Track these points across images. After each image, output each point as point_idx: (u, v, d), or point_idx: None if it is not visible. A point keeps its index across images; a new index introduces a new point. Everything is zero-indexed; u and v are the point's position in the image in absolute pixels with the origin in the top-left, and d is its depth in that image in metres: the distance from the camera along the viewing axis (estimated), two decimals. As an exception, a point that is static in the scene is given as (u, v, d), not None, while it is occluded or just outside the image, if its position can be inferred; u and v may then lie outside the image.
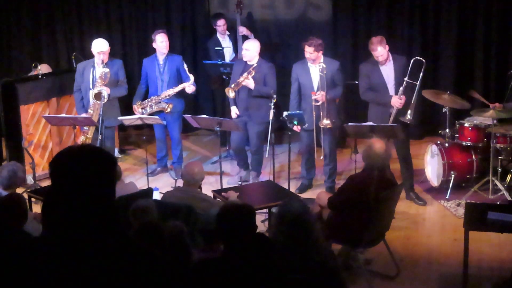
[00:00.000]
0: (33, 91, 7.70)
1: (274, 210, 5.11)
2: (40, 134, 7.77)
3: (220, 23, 8.52)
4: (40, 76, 7.92)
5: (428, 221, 6.53)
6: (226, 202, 4.75)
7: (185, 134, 8.94)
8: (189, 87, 7.42)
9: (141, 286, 2.02)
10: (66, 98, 7.97)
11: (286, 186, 6.51)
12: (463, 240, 4.96)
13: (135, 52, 9.73)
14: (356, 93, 6.92)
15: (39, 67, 8.31)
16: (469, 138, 6.96)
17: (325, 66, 6.68)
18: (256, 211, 3.66)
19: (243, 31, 8.43)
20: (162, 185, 7.26)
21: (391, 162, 5.77)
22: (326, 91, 6.69)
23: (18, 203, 4.29)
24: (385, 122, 6.49)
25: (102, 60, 7.10)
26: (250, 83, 7.02)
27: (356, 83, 6.97)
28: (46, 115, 7.42)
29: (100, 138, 6.82)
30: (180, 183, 6.14)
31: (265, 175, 7.46)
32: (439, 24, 8.70)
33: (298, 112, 6.79)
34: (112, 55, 9.08)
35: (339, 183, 6.26)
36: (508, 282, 5.05)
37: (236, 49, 8.53)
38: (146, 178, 7.23)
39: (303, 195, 6.89)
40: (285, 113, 6.62)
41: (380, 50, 6.48)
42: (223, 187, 6.46)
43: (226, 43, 8.63)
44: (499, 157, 6.84)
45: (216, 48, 8.52)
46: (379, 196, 4.97)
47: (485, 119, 6.89)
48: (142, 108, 7.49)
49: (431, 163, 7.27)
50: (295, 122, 6.59)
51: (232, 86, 7.09)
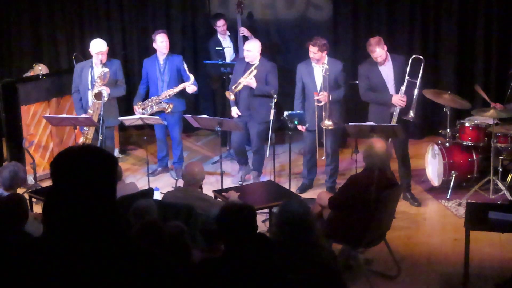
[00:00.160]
0: (33, 91, 7.69)
1: (274, 210, 5.11)
2: (40, 134, 7.77)
3: (220, 23, 8.52)
4: (40, 76, 7.93)
5: (429, 221, 6.53)
6: (227, 202, 4.74)
7: (185, 134, 8.94)
8: (189, 87, 7.41)
9: (141, 286, 2.02)
10: (67, 98, 7.96)
11: (286, 186, 6.51)
12: (463, 239, 4.97)
13: (135, 52, 9.73)
14: (356, 93, 6.91)
15: (39, 67, 8.31)
16: (470, 138, 6.96)
17: (327, 67, 6.66)
18: (257, 211, 3.65)
19: (243, 31, 8.43)
20: (163, 185, 7.26)
21: (391, 162, 5.77)
22: (329, 92, 6.68)
23: (18, 204, 4.29)
24: (385, 122, 6.48)
25: (101, 61, 7.09)
26: (252, 82, 7.01)
27: (356, 83, 6.96)
28: (47, 115, 7.41)
29: (100, 138, 6.82)
30: (180, 183, 6.15)
31: (265, 175, 7.46)
32: (439, 24, 8.70)
33: (298, 112, 6.79)
34: (113, 55, 9.08)
35: (340, 183, 6.25)
36: (509, 281, 5.06)
37: (236, 49, 8.53)
38: (146, 178, 7.23)
39: (304, 195, 6.89)
40: (285, 113, 6.60)
41: (378, 51, 6.47)
42: (226, 186, 6.46)
43: (227, 43, 8.63)
44: (500, 156, 6.84)
45: (216, 48, 8.51)
46: (379, 196, 4.97)
47: (486, 118, 6.89)
48: (142, 109, 7.48)
49: (432, 163, 7.27)
50: (296, 122, 6.58)
51: (233, 87, 7.08)
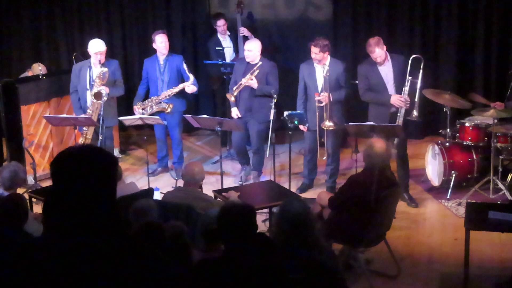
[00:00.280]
0: (33, 91, 7.70)
1: (274, 210, 5.12)
2: (40, 134, 7.77)
3: (220, 23, 8.52)
4: (40, 76, 7.92)
5: (429, 220, 6.53)
6: (227, 202, 4.74)
7: (185, 134, 8.94)
8: (188, 86, 7.41)
9: (141, 286, 2.02)
10: (67, 98, 7.95)
11: (286, 186, 6.50)
12: (463, 239, 4.96)
13: (135, 52, 9.73)
14: (356, 93, 6.91)
15: (39, 67, 8.30)
16: (469, 138, 6.96)
17: (328, 68, 6.65)
18: (257, 211, 3.65)
19: (243, 31, 8.43)
20: (163, 185, 7.26)
21: (390, 161, 5.77)
22: (331, 93, 6.67)
23: (19, 203, 4.29)
24: (385, 122, 6.48)
25: (99, 61, 7.09)
26: (254, 83, 7.01)
27: (356, 82, 6.95)
28: (47, 115, 7.41)
29: (100, 138, 6.82)
30: (180, 183, 6.14)
31: (265, 175, 7.46)
32: (439, 24, 8.70)
33: (298, 112, 6.78)
34: (112, 55, 9.09)
35: (340, 183, 6.25)
36: (509, 281, 5.06)
37: (236, 49, 8.54)
38: (146, 178, 7.23)
39: (304, 195, 6.89)
40: (285, 112, 6.60)
41: (378, 52, 6.45)
42: (226, 186, 6.45)
43: (227, 43, 8.63)
44: (500, 156, 6.84)
45: (216, 48, 8.52)
46: (379, 196, 4.97)
47: (485, 118, 6.89)
48: (142, 109, 7.48)
49: (432, 163, 7.27)
50: (296, 122, 6.58)
51: (234, 88, 7.07)
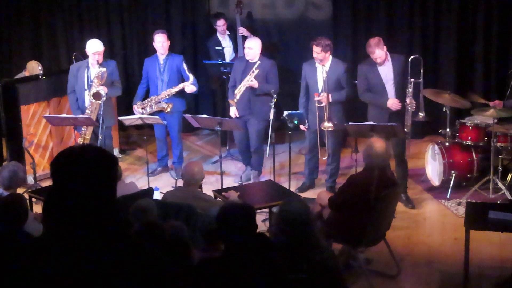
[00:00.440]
0: (33, 91, 7.69)
1: (274, 209, 5.12)
2: (40, 134, 7.77)
3: (220, 23, 8.51)
4: (40, 76, 7.92)
5: (429, 220, 6.53)
6: (226, 202, 4.74)
7: (185, 134, 8.93)
8: (187, 86, 7.40)
9: (141, 286, 2.02)
10: (67, 98, 7.93)
11: (286, 185, 6.50)
12: (463, 239, 4.97)
13: (135, 52, 9.73)
14: (356, 92, 6.90)
15: (34, 65, 8.29)
16: (469, 137, 6.96)
17: (326, 70, 6.64)
18: (257, 211, 3.66)
19: (242, 31, 8.43)
20: (163, 185, 7.26)
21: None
22: (331, 94, 6.66)
23: (18, 203, 4.29)
24: (384, 122, 6.47)
25: (97, 61, 7.08)
26: (254, 83, 7.01)
27: (356, 82, 6.95)
28: (47, 115, 7.41)
29: (100, 138, 6.82)
30: (180, 183, 6.14)
31: (265, 175, 7.46)
32: (439, 24, 8.69)
33: (298, 111, 6.78)
34: (112, 55, 9.09)
35: (340, 182, 6.25)
36: (509, 281, 5.06)
37: (236, 48, 8.53)
38: (146, 178, 7.23)
39: (304, 195, 6.88)
40: (285, 112, 6.60)
41: (378, 53, 6.44)
42: (226, 186, 6.45)
43: (226, 42, 8.63)
44: (500, 156, 6.84)
45: (216, 48, 8.51)
46: (379, 196, 4.97)
47: (485, 118, 6.89)
48: (142, 108, 7.49)
49: (432, 163, 7.27)
50: (296, 122, 6.58)
51: (235, 92, 7.06)
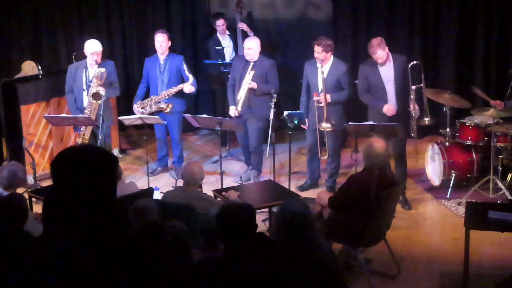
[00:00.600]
0: (33, 91, 7.69)
1: (274, 209, 5.11)
2: (40, 134, 7.77)
3: (220, 23, 8.52)
4: (40, 76, 7.92)
5: (429, 220, 6.53)
6: (226, 202, 4.74)
7: (185, 134, 8.94)
8: (186, 87, 7.40)
9: (141, 286, 2.02)
10: (66, 98, 7.97)
11: (286, 185, 6.51)
12: (463, 239, 4.96)
13: (135, 52, 9.73)
14: (357, 93, 6.90)
15: (28, 64, 8.30)
16: (469, 137, 6.96)
17: (323, 70, 6.63)
18: (257, 211, 3.65)
19: (242, 26, 8.43)
20: (163, 184, 7.26)
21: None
22: (330, 94, 6.66)
23: (18, 203, 4.29)
24: (384, 122, 6.47)
25: (96, 61, 7.08)
26: (254, 85, 7.04)
27: (356, 82, 6.95)
28: (47, 115, 7.42)
29: (100, 137, 6.82)
30: (180, 182, 6.14)
31: (265, 174, 7.46)
32: (439, 24, 8.69)
33: (298, 111, 6.78)
34: (112, 55, 9.08)
35: (340, 182, 6.25)
36: (509, 281, 5.06)
37: (236, 48, 8.53)
38: (146, 178, 7.23)
39: (304, 194, 6.89)
40: (285, 112, 6.61)
41: (379, 53, 6.43)
42: (226, 186, 6.45)
43: (226, 42, 8.63)
44: (500, 156, 6.84)
45: (216, 47, 8.52)
46: (379, 195, 4.97)
47: (485, 118, 6.89)
48: (142, 108, 7.49)
49: (432, 162, 7.27)
50: (296, 122, 6.58)
51: (237, 99, 7.08)
